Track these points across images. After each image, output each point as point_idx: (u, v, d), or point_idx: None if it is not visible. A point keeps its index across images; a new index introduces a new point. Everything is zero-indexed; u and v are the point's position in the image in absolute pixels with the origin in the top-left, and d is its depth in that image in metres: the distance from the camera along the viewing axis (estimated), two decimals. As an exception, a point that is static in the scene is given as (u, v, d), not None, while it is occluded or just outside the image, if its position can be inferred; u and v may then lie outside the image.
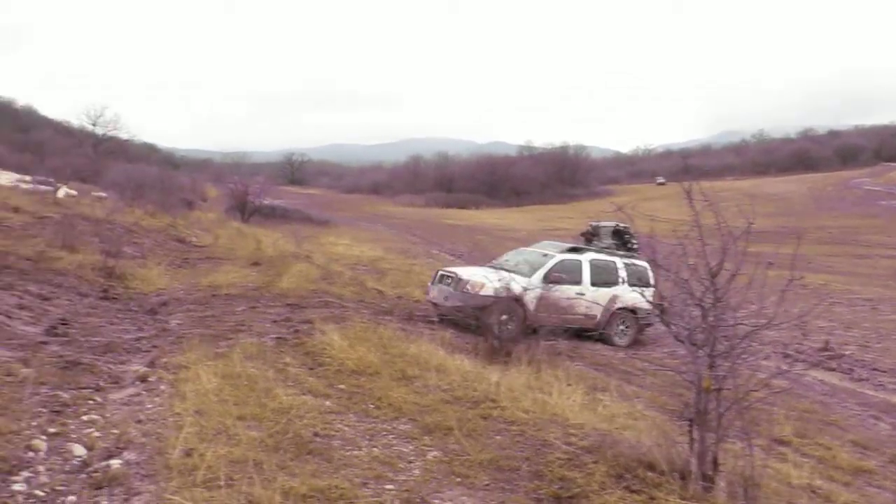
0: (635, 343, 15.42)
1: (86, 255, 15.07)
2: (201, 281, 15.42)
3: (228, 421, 5.98)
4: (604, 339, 15.08)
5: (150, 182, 41.72)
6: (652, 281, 14.32)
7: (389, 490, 5.05)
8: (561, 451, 6.02)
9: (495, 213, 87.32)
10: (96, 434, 5.86)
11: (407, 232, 51.43)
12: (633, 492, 5.22)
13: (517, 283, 13.77)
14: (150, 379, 7.53)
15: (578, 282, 14.99)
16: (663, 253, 6.22)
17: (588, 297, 14.91)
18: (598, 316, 15.06)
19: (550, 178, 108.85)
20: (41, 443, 5.46)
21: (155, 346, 9.10)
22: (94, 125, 64.75)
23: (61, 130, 71.82)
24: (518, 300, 13.65)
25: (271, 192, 54.53)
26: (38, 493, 4.72)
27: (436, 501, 4.99)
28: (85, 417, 6.26)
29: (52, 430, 5.79)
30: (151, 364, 8.16)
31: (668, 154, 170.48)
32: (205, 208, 51.53)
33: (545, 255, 15.62)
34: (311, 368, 8.28)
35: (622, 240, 19.57)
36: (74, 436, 5.78)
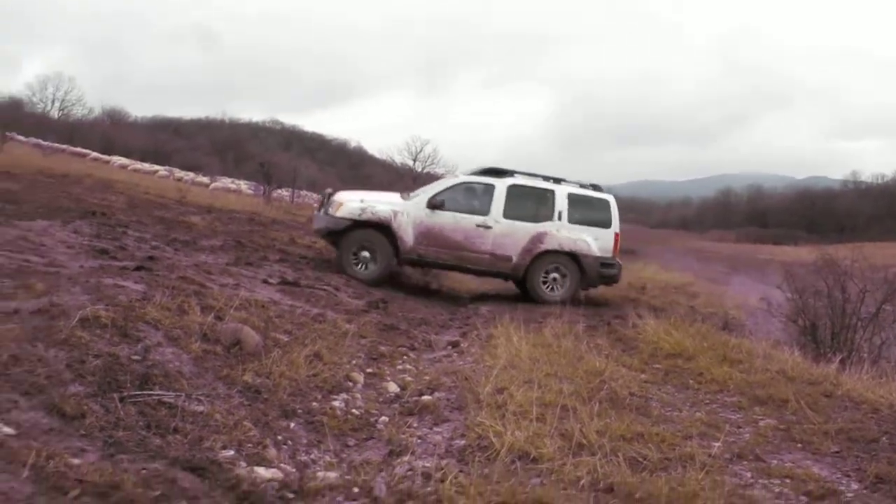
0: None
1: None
2: (511, 284, 15.61)
3: (538, 375, 5.77)
4: (528, 292, 11.76)
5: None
6: (614, 220, 11.89)
7: (716, 446, 4.49)
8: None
9: (815, 249, 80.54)
10: (409, 378, 5.96)
11: (717, 263, 49.04)
12: None
13: (386, 206, 11.37)
14: (460, 345, 7.59)
15: (485, 211, 11.54)
16: None
17: (497, 231, 11.49)
18: (514, 258, 11.55)
19: (881, 212, 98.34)
20: (359, 376, 5.63)
21: (467, 324, 9.25)
22: (414, 161, 69.54)
23: (386, 166, 78.07)
24: (384, 227, 11.18)
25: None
26: (354, 412, 4.82)
27: (773, 461, 4.35)
28: (399, 366, 6.41)
29: (369, 370, 5.97)
30: (463, 335, 8.27)
31: None
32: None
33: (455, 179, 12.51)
34: (624, 350, 7.88)
35: None
36: (389, 377, 5.91)
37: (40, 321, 4.61)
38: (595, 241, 11.61)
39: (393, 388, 5.58)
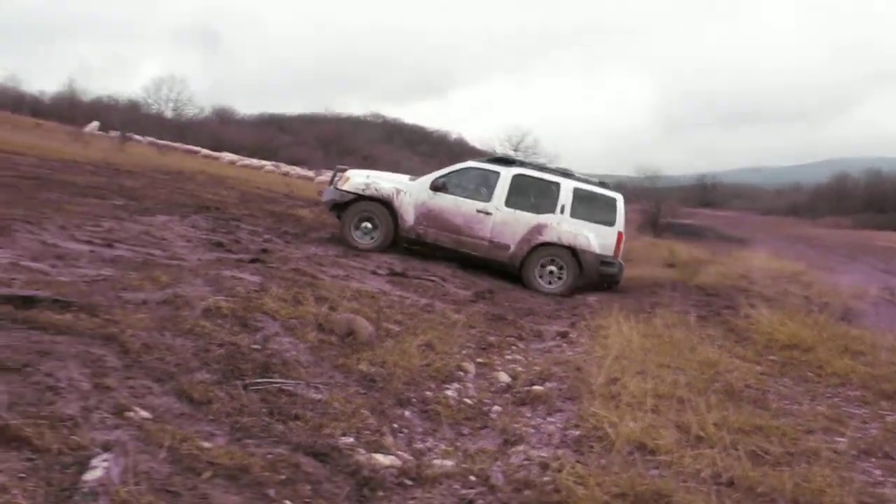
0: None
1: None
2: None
3: (650, 366, 5.67)
4: (524, 281, 11.38)
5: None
6: (619, 219, 11.50)
7: (842, 442, 4.32)
8: None
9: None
10: (519, 368, 5.96)
11: (831, 252, 47.06)
12: None
13: (389, 184, 11.57)
14: (569, 335, 7.54)
15: (487, 198, 11.44)
16: None
17: (497, 219, 11.33)
18: (512, 247, 11.34)
19: None
20: (470, 366, 5.66)
21: (574, 314, 9.17)
22: (515, 150, 69.29)
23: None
24: (386, 203, 11.34)
25: (681, 212, 53.85)
26: (467, 401, 4.85)
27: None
28: (508, 356, 6.41)
29: (479, 360, 5.99)
30: (571, 325, 8.21)
31: None
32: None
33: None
34: (737, 341, 7.65)
35: None
36: (499, 367, 5.92)
37: (167, 311, 4.82)
38: (596, 238, 11.36)
39: (504, 377, 5.59)
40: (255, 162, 44.48)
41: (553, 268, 11.38)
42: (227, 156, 44.99)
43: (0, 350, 3.58)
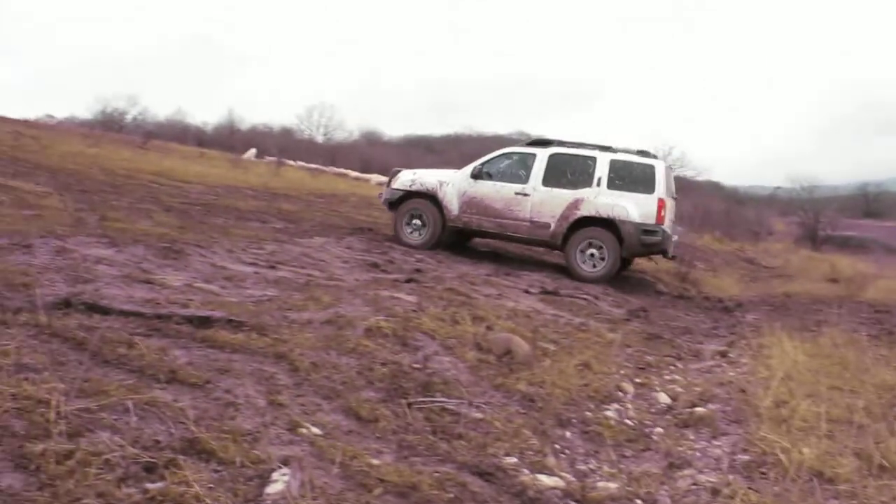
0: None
1: (661, 263, 15.50)
2: (775, 289, 14.76)
3: (821, 388, 5.37)
4: (567, 268, 11.19)
5: (716, 214, 42.10)
6: (658, 186, 10.94)
7: None
8: None
9: None
10: (679, 389, 5.79)
11: None
12: None
13: (433, 178, 11.90)
14: (729, 354, 7.27)
15: (524, 180, 11.40)
16: None
17: (535, 199, 11.27)
18: (552, 225, 11.18)
19: None
20: (629, 386, 5.55)
21: (733, 333, 8.83)
22: (662, 164, 67.71)
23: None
24: (431, 197, 11.70)
25: (842, 223, 51.02)
26: (628, 422, 4.76)
27: None
28: (667, 376, 6.24)
29: (637, 380, 5.87)
30: (730, 344, 7.91)
31: None
32: (771, 239, 50.07)
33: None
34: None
35: None
36: (658, 387, 5.77)
37: (330, 330, 4.99)
38: (636, 207, 10.96)
39: (664, 398, 5.45)
40: (402, 183, 45.45)
41: (594, 251, 11.12)
42: (376, 177, 46.20)
43: (184, 367, 3.82)
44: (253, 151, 41.52)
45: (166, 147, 36.42)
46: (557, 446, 4.07)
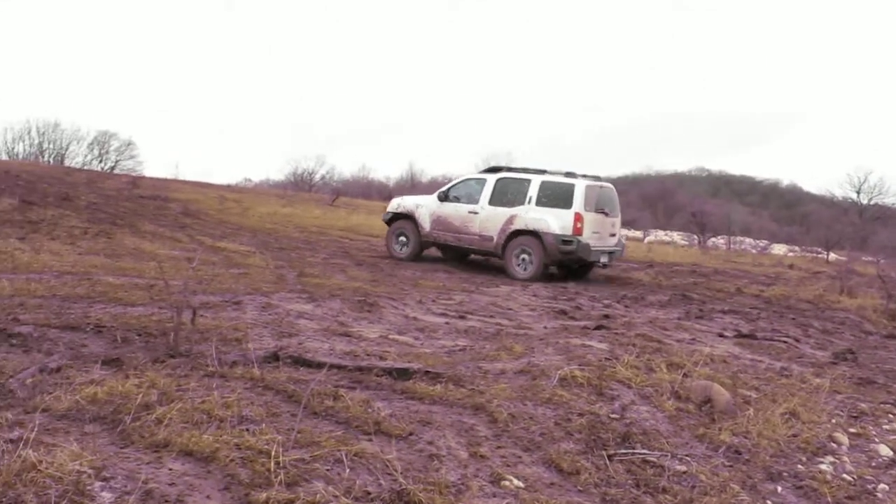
0: None
1: (865, 299, 14.49)
2: None
3: None
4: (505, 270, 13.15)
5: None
6: (576, 202, 12.53)
7: None
8: None
9: None
10: (904, 440, 5.33)
11: None
12: None
13: (412, 201, 14.55)
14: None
15: (476, 201, 13.53)
16: None
17: (482, 216, 13.37)
18: (495, 237, 13.22)
19: None
20: (842, 437, 5.19)
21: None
22: (857, 193, 63.35)
23: (825, 202, 72.38)
24: (409, 217, 14.15)
25: None
26: (846, 476, 4.43)
27: None
28: (886, 426, 5.76)
29: (852, 430, 5.46)
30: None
31: None
32: None
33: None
34: None
35: None
36: (876, 438, 5.34)
37: (525, 381, 5.03)
38: (556, 221, 12.66)
39: (885, 451, 5.03)
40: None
41: (525, 256, 12.93)
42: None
43: (388, 419, 3.97)
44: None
45: (353, 203, 38.17)
46: (769, 502, 3.86)
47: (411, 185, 62.80)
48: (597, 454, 3.95)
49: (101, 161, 55.48)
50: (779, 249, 38.11)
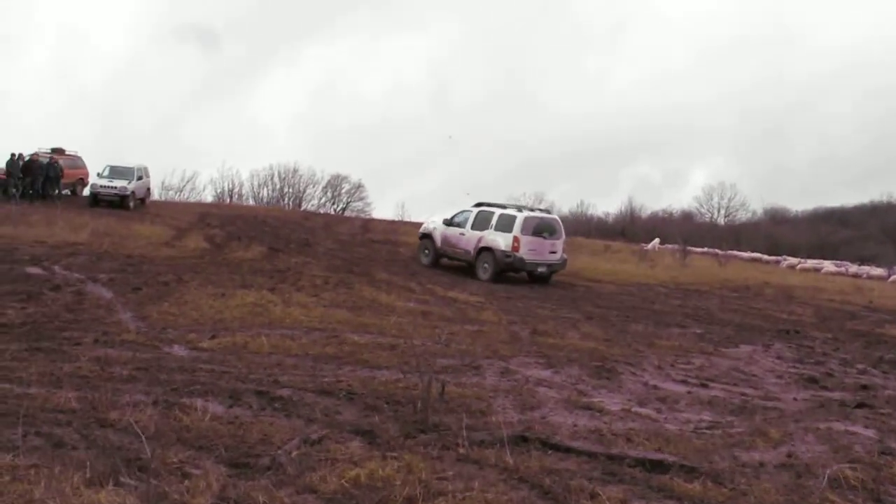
0: None
1: None
2: None
3: None
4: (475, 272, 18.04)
5: None
6: (515, 228, 17.35)
7: None
8: None
9: None
10: None
11: None
12: None
13: (431, 223, 19.99)
14: None
15: (464, 225, 18.48)
16: None
17: (467, 237, 18.27)
18: (472, 252, 18.13)
19: None
20: None
21: None
22: None
23: None
24: (429, 236, 19.59)
25: None
26: None
27: None
28: None
29: None
30: None
31: None
32: None
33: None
34: None
35: None
36: None
37: (788, 479, 4.71)
38: (503, 241, 17.42)
39: None
40: (814, 263, 42.19)
41: (486, 264, 17.66)
42: (787, 259, 43.51)
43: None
44: (656, 241, 41.64)
45: (573, 242, 38.01)
46: None
47: (630, 221, 61.78)
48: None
49: (333, 203, 58.98)
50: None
